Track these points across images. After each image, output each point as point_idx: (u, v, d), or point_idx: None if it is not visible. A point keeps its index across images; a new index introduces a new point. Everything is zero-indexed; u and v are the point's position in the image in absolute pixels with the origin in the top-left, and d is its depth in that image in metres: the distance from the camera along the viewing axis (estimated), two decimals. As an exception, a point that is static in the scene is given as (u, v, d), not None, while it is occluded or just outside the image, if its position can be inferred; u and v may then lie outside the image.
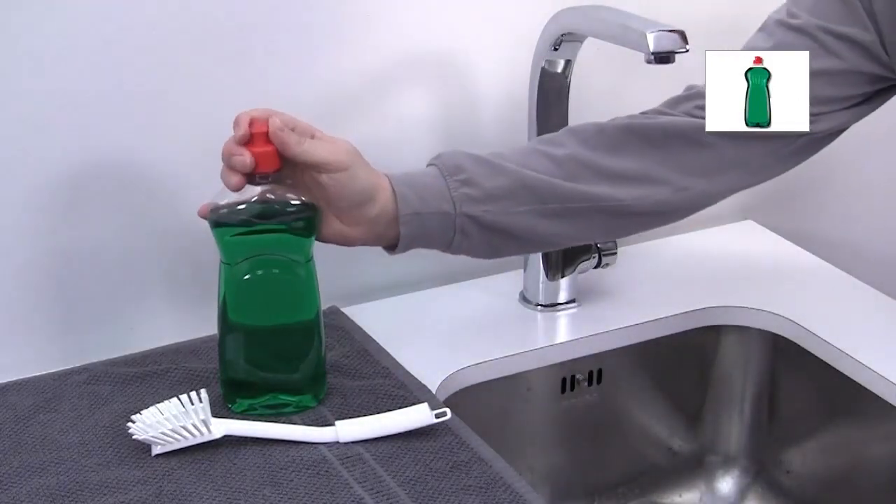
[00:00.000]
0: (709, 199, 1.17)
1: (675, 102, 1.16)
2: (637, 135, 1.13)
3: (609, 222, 1.14)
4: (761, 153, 1.14)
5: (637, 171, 1.12)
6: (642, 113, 1.16)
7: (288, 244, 1.07)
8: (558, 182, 1.11)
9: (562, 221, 1.12)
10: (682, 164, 1.13)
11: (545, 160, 1.12)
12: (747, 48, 1.15)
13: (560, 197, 1.11)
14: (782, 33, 1.13)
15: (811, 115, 1.11)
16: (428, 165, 1.12)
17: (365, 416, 1.09)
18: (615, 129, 1.14)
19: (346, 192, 1.06)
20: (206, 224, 1.07)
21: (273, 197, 1.06)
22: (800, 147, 1.15)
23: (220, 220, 1.06)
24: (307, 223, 1.07)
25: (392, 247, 1.10)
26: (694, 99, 1.15)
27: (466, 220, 1.09)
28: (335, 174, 1.05)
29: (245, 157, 1.03)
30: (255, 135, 1.04)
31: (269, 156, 1.04)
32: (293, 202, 1.06)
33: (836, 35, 1.11)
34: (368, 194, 1.06)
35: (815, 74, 1.10)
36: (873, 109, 1.15)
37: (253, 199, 1.06)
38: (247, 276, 1.07)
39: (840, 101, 1.13)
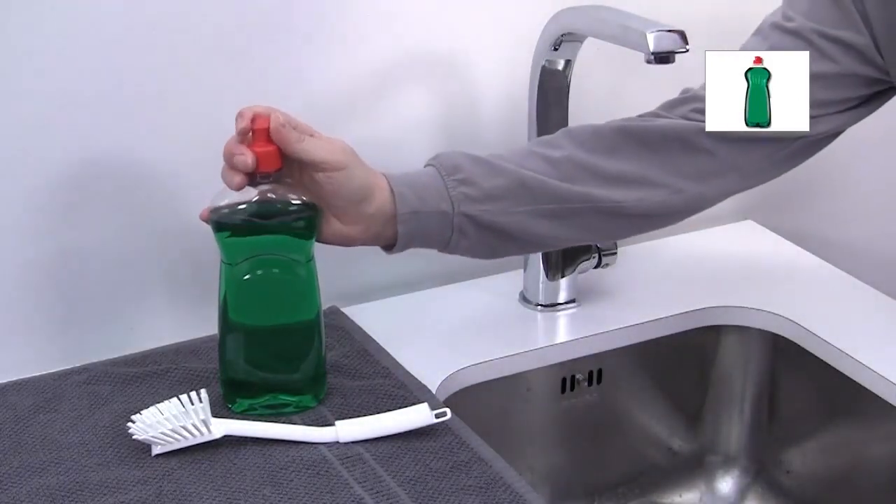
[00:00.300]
0: (705, 202, 1.17)
1: (671, 106, 1.16)
2: (633, 137, 1.14)
3: (606, 224, 1.15)
4: (757, 157, 1.14)
5: (633, 173, 1.13)
6: (639, 116, 1.17)
7: (288, 244, 1.07)
8: (555, 183, 1.11)
9: (559, 222, 1.12)
10: (678, 167, 1.13)
11: (542, 162, 1.12)
12: (743, 51, 1.15)
13: (557, 197, 1.11)
14: (777, 36, 1.14)
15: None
16: (426, 165, 1.12)
17: (365, 416, 1.09)
18: (611, 131, 1.14)
19: (343, 190, 1.06)
20: (205, 224, 1.07)
21: (274, 197, 1.06)
22: (796, 150, 1.15)
23: (221, 220, 1.06)
24: (308, 223, 1.07)
25: (390, 246, 1.10)
26: (690, 102, 1.15)
27: (464, 220, 1.09)
28: (332, 173, 1.05)
29: (246, 157, 1.03)
30: (257, 132, 1.04)
31: (270, 155, 1.04)
32: (294, 202, 1.06)
33: (830, 38, 1.11)
34: (365, 193, 1.07)
35: (810, 78, 1.10)
36: (869, 112, 1.16)
37: (254, 199, 1.06)
38: (247, 276, 1.07)
39: (836, 104, 1.13)
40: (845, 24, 1.11)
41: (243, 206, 1.06)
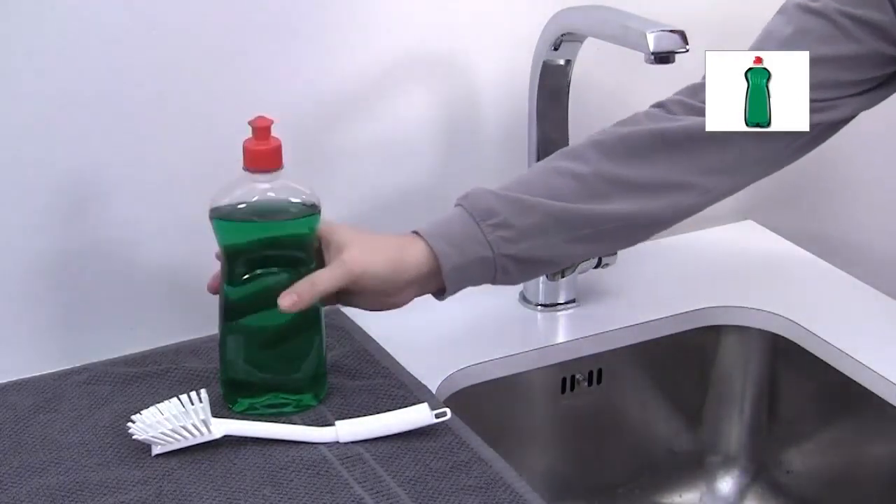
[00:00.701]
0: (730, 194, 1.17)
1: (693, 91, 1.15)
2: (660, 140, 1.13)
3: (638, 234, 1.16)
4: (781, 145, 1.14)
5: (663, 179, 1.12)
6: (660, 106, 1.15)
7: (289, 243, 1.07)
8: (587, 208, 1.11)
9: (594, 243, 1.14)
10: (707, 164, 1.13)
11: (570, 180, 1.12)
12: (766, 32, 1.15)
13: (591, 223, 1.11)
14: (802, 17, 1.13)
15: (828, 100, 1.12)
16: (455, 206, 1.12)
17: (365, 416, 1.09)
18: (638, 137, 1.13)
19: (370, 288, 1.08)
20: (205, 223, 1.07)
21: (274, 196, 1.06)
22: (815, 136, 1.15)
23: (222, 219, 1.06)
24: (308, 222, 1.07)
25: (440, 291, 1.12)
26: None
27: (505, 260, 1.10)
28: (351, 286, 1.07)
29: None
30: (258, 130, 1.04)
31: (270, 153, 1.04)
32: (294, 201, 1.06)
33: (853, 18, 1.11)
34: (393, 276, 1.08)
35: (833, 59, 1.11)
36: (886, 96, 1.15)
37: (255, 199, 1.06)
38: (247, 276, 1.07)
39: (857, 85, 1.13)
40: (868, 2, 1.11)
41: (244, 206, 1.06)
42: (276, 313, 1.08)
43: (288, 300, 1.05)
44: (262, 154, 1.04)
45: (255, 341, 1.10)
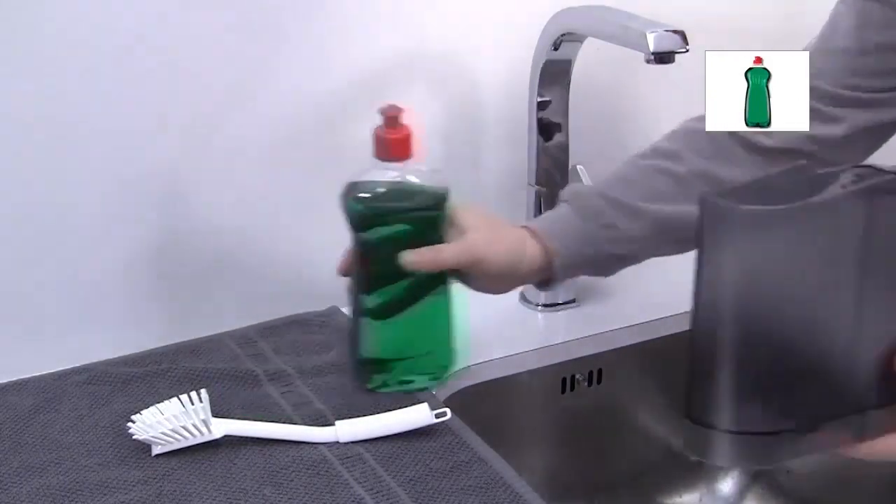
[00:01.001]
0: None
1: None
2: (738, 141, 1.15)
3: None
4: (855, 147, 1.16)
5: (747, 178, 1.13)
6: None
7: (419, 228, 1.08)
8: (686, 210, 1.11)
9: (686, 242, 1.14)
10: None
11: (669, 180, 1.15)
12: (832, 22, 1.15)
13: (690, 225, 1.12)
14: (860, 3, 1.13)
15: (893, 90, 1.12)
16: (561, 202, 1.16)
17: (365, 416, 1.09)
18: (721, 136, 1.15)
19: (486, 273, 1.11)
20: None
21: (404, 182, 1.07)
22: (888, 131, 1.16)
23: (353, 201, 1.07)
24: (437, 210, 1.08)
25: (544, 282, 1.16)
26: None
27: (609, 258, 1.15)
28: (469, 269, 1.10)
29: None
30: (388, 119, 1.06)
31: (400, 142, 1.06)
32: (424, 190, 1.08)
33: None
34: (511, 267, 1.12)
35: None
36: None
37: (380, 190, 1.07)
38: (379, 257, 1.08)
39: None
40: None
41: (373, 194, 1.07)
42: (406, 289, 1.10)
43: (411, 256, 1.07)
44: (392, 143, 1.06)
45: (388, 321, 1.11)
